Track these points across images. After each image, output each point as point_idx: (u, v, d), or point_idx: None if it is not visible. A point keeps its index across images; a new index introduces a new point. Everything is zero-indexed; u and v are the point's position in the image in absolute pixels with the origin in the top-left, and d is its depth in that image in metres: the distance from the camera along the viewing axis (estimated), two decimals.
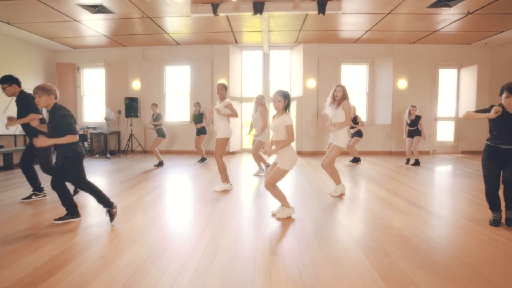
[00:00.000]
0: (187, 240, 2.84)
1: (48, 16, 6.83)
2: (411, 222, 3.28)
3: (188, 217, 3.50)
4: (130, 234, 2.99)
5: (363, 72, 9.80)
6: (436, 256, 2.47)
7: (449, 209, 3.79)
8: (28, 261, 2.41)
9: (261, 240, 2.83)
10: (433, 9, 6.47)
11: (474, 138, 9.76)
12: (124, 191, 4.76)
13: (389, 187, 4.96)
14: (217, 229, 3.11)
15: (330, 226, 3.17)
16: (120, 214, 3.53)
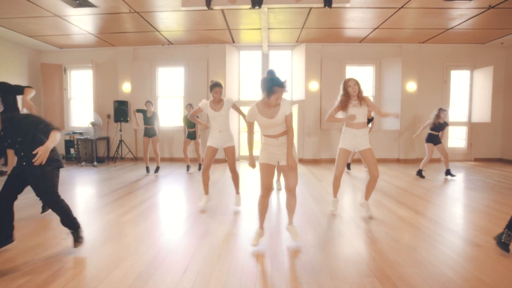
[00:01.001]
0: (174, 269, 2.18)
1: (25, 11, 6.20)
2: (443, 251, 2.61)
3: (174, 240, 2.81)
4: (109, 260, 2.34)
5: (369, 74, 9.17)
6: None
7: (487, 233, 3.11)
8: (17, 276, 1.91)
9: (260, 273, 2.15)
10: (451, 3, 5.84)
11: (487, 145, 9.11)
12: (104, 206, 4.07)
13: (408, 202, 4.28)
14: (208, 259, 2.43)
15: (342, 254, 2.50)
16: (97, 235, 2.88)
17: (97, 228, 3.25)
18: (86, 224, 3.36)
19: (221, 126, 3.94)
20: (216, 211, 3.89)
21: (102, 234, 3.08)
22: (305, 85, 8.75)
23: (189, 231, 3.18)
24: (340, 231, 3.17)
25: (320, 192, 4.90)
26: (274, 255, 2.59)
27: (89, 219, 3.55)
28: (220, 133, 3.94)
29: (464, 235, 3.05)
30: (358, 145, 3.58)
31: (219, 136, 3.94)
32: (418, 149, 8.97)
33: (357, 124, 3.56)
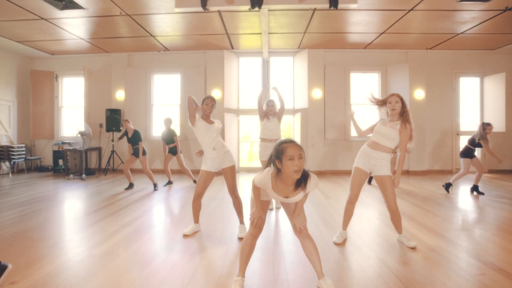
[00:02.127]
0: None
1: (8, 13, 5.80)
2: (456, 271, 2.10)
3: (164, 271, 2.29)
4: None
5: (374, 81, 8.74)
6: None
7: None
8: None
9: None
10: (465, 4, 5.45)
11: (502, 156, 8.60)
12: (76, 232, 3.52)
13: (432, 226, 3.74)
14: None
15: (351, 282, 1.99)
16: (52, 276, 2.35)
17: (55, 267, 2.73)
18: (60, 252, 2.85)
19: (214, 143, 3.29)
20: (211, 235, 3.38)
21: (80, 264, 2.56)
22: (308, 93, 8.31)
23: (178, 263, 2.66)
24: (356, 261, 2.66)
25: (330, 212, 4.37)
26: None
27: (50, 250, 3.03)
28: (215, 150, 3.29)
29: (498, 265, 2.54)
30: (374, 168, 2.99)
31: (215, 155, 3.29)
32: (428, 160, 8.48)
33: (376, 145, 2.98)
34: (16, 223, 3.78)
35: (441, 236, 3.29)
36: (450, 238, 3.23)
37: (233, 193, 3.35)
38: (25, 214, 4.24)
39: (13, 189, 6.09)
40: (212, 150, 3.29)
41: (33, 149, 9.08)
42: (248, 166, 9.04)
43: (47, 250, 2.90)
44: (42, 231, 3.50)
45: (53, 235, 3.37)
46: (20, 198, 5.27)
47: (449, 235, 3.34)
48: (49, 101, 9.00)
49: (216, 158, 3.29)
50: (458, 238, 3.25)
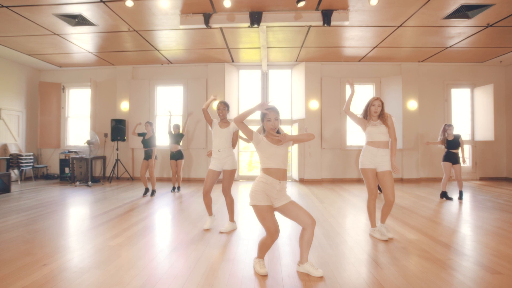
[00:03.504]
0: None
1: (24, 29, 6.20)
2: (459, 278, 2.37)
3: (163, 269, 2.56)
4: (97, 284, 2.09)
5: (369, 93, 9.12)
6: None
7: (505, 258, 2.87)
8: None
9: None
10: (449, 21, 5.84)
11: (492, 164, 8.93)
12: (92, 229, 3.82)
13: (416, 225, 4.04)
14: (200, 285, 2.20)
15: (345, 280, 2.26)
16: (75, 263, 2.65)
17: (83, 252, 3.01)
18: (73, 247, 3.13)
19: (220, 145, 3.71)
20: (211, 235, 3.66)
21: (88, 259, 2.84)
22: (305, 104, 8.66)
23: (181, 257, 2.94)
24: (344, 255, 2.93)
25: (323, 214, 4.66)
26: (273, 280, 2.35)
27: (76, 242, 3.32)
28: (219, 152, 3.71)
29: (480, 261, 2.81)
30: (378, 165, 3.42)
31: (218, 155, 3.72)
32: (421, 168, 8.78)
33: (378, 143, 3.42)
34: (35, 222, 4.07)
35: (422, 232, 3.57)
36: (432, 234, 3.51)
37: (226, 193, 3.78)
38: (40, 214, 4.53)
39: (24, 194, 6.38)
40: (218, 152, 3.72)
41: (39, 158, 9.38)
42: (247, 174, 9.32)
43: (65, 242, 3.19)
44: (59, 228, 3.78)
45: (70, 231, 3.65)
46: (32, 202, 5.55)
47: (431, 231, 3.62)
48: (56, 112, 9.36)
49: (220, 159, 3.71)
50: (436, 232, 3.53)
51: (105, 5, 5.18)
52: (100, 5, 5.17)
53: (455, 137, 5.84)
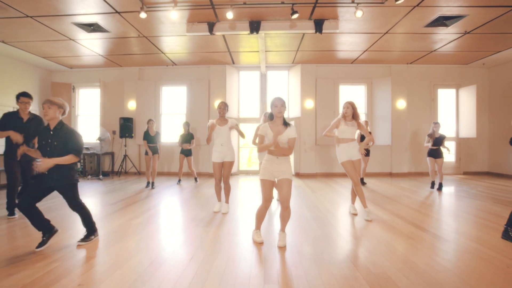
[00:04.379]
0: (176, 266, 2.57)
1: (43, 35, 6.77)
2: (417, 246, 2.99)
3: (178, 241, 3.19)
4: (114, 260, 2.71)
5: (361, 93, 9.73)
6: (444, 282, 2.18)
7: (456, 232, 3.50)
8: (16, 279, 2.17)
9: (255, 267, 2.53)
10: (430, 29, 6.44)
11: (475, 159, 9.57)
12: (113, 213, 4.46)
13: (392, 209, 4.67)
14: (208, 254, 2.82)
15: (330, 252, 2.88)
16: (105, 238, 3.27)
17: (107, 232, 3.63)
18: (104, 225, 3.75)
19: (222, 140, 4.41)
20: (218, 216, 4.28)
21: (117, 233, 3.46)
22: (301, 103, 9.27)
23: (193, 230, 3.55)
24: (330, 234, 3.55)
25: (313, 202, 5.28)
26: (268, 253, 2.97)
27: (104, 221, 3.93)
28: (222, 146, 4.41)
29: (436, 234, 3.43)
30: (352, 156, 4.15)
31: (221, 149, 4.40)
32: (409, 163, 9.40)
33: (347, 139, 4.16)
34: (62, 208, 4.69)
35: (396, 215, 4.20)
36: (405, 217, 4.14)
37: (226, 181, 4.52)
38: (62, 203, 5.13)
39: None
40: (220, 145, 4.38)
41: None
42: (247, 169, 9.94)
43: (97, 221, 3.81)
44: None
45: (97, 214, 4.26)
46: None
47: (404, 214, 4.25)
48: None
49: (221, 153, 4.40)
50: (409, 215, 4.16)
51: (120, 15, 5.77)
52: (115, 15, 5.76)
53: (441, 136, 6.45)
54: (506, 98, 8.86)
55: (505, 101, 8.89)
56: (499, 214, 4.32)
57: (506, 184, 7.32)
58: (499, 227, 3.64)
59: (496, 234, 3.40)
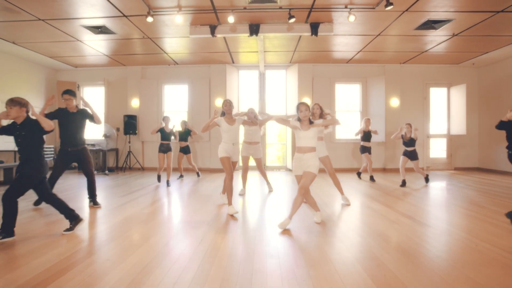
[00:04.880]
0: (189, 245, 2.94)
1: (52, 36, 7.10)
2: (401, 231, 3.38)
3: (188, 226, 3.57)
4: (134, 241, 3.08)
5: (356, 91, 10.10)
6: (428, 263, 2.57)
7: (440, 220, 3.90)
8: (37, 264, 2.52)
9: (259, 245, 2.92)
10: (420, 31, 6.81)
11: (465, 155, 9.98)
12: (124, 204, 4.83)
13: (383, 200, 5.07)
14: (216, 237, 3.20)
15: (324, 236, 3.26)
16: (122, 224, 3.65)
17: (125, 218, 4.00)
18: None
19: (234, 139, 4.45)
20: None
21: (125, 224, 3.83)
22: (298, 101, 9.60)
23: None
24: (324, 220, 3.94)
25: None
26: (271, 235, 3.36)
27: (118, 210, 4.31)
28: (233, 145, 4.42)
29: (420, 221, 3.83)
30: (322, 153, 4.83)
31: (233, 148, 4.41)
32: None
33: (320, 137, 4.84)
34: (75, 200, 5.06)
35: (383, 203, 4.60)
36: (390, 205, 4.54)
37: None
38: (77, 195, 5.52)
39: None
40: (232, 145, 4.42)
41: (57, 150, 10.29)
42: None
43: (111, 210, 4.19)
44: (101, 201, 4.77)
45: (111, 204, 4.63)
46: (64, 186, 6.54)
47: (390, 203, 4.65)
48: None
49: (231, 151, 4.42)
50: (394, 204, 4.56)
51: (127, 19, 6.11)
52: (123, 18, 6.10)
53: (411, 140, 6.69)
54: (495, 97, 9.26)
55: (494, 99, 9.29)
56: (481, 205, 4.73)
57: (493, 179, 7.73)
58: (478, 215, 4.05)
59: (475, 221, 3.79)
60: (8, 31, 6.77)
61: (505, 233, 3.32)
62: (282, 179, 7.97)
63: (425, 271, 2.40)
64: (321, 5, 5.62)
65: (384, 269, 2.41)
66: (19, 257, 2.68)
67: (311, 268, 2.43)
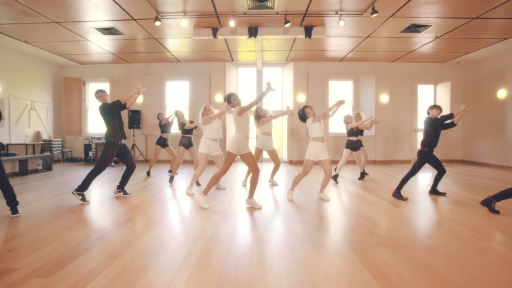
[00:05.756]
0: (198, 225, 3.53)
1: (64, 37, 7.58)
2: (378, 211, 4.01)
3: (196, 209, 4.16)
4: (151, 220, 3.67)
5: (348, 88, 10.69)
6: (405, 243, 3.20)
7: (418, 205, 4.54)
8: (59, 244, 3.08)
9: (256, 227, 3.52)
10: (406, 34, 7.39)
11: (450, 148, 10.65)
12: (136, 190, 5.41)
13: (369, 187, 5.70)
14: (219, 219, 3.80)
15: (314, 214, 3.88)
16: (139, 206, 4.23)
17: (140, 201, 4.59)
18: (133, 198, 4.72)
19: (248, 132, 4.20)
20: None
21: (143, 205, 4.42)
22: (293, 97, 10.21)
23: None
24: (310, 203, 4.56)
25: (304, 183, 6.29)
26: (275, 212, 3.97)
27: (133, 196, 4.90)
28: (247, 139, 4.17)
29: (396, 203, 4.46)
30: None
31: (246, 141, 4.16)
32: (391, 152, 10.46)
33: None
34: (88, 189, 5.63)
35: (367, 190, 5.23)
36: (375, 192, 5.18)
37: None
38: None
39: (64, 172, 7.90)
40: (246, 138, 4.16)
41: (64, 143, 10.82)
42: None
43: (122, 198, 4.78)
44: (110, 190, 5.35)
45: (130, 190, 5.22)
46: (75, 177, 7.09)
47: (375, 190, 5.29)
48: (78, 103, 10.76)
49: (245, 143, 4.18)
50: (383, 193, 5.20)
51: (136, 22, 6.62)
52: (132, 21, 6.60)
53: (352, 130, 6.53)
54: (479, 93, 9.90)
55: (478, 95, 9.93)
56: (456, 192, 5.38)
57: (474, 170, 8.41)
58: (452, 200, 4.69)
59: (449, 206, 4.44)
60: (22, 32, 7.23)
61: (465, 211, 3.96)
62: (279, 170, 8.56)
63: (404, 250, 3.02)
64: (314, 11, 6.17)
65: (368, 247, 3.03)
66: (44, 238, 3.26)
67: (305, 250, 3.04)
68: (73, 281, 2.13)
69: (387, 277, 2.20)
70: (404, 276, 2.21)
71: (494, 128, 9.26)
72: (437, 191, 5.10)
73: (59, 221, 3.58)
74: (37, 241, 2.93)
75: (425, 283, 2.11)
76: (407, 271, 2.29)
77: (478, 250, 2.73)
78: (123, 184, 4.97)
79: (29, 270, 2.30)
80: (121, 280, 2.16)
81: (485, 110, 9.60)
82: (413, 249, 2.75)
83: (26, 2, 5.61)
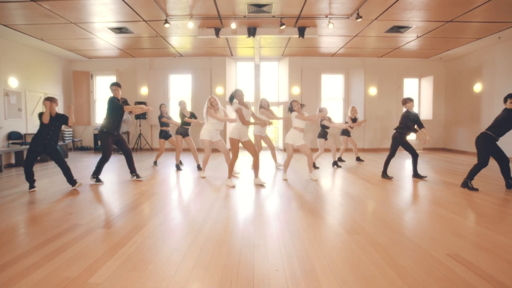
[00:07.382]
0: (202, 209, 4.37)
1: (77, 35, 8.24)
2: (366, 192, 4.88)
3: (200, 195, 5.00)
4: (158, 204, 4.50)
5: (339, 81, 11.49)
6: (393, 223, 4.07)
7: (400, 188, 5.41)
8: (111, 207, 3.90)
9: (257, 213, 4.37)
10: (390, 33, 8.17)
11: (432, 137, 11.55)
12: (146, 176, 6.22)
13: (356, 172, 6.58)
14: (222, 205, 4.64)
15: (305, 192, 4.73)
16: (150, 189, 5.05)
17: (157, 181, 5.42)
18: (146, 180, 5.54)
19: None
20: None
21: (158, 184, 5.25)
22: (288, 89, 10.99)
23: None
24: (302, 184, 5.42)
25: (296, 166, 7.18)
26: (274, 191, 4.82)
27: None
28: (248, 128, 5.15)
29: (377, 184, 5.33)
30: None
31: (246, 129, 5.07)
32: (379, 140, 11.34)
33: None
34: (104, 174, 6.42)
35: (354, 173, 6.11)
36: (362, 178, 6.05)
37: None
38: (104, 170, 6.86)
39: (78, 159, 8.69)
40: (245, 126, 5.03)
41: (73, 133, 11.54)
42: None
43: (132, 183, 5.61)
44: (122, 174, 6.16)
45: (141, 175, 6.04)
46: (90, 163, 7.88)
47: (367, 177, 6.17)
48: (86, 95, 11.45)
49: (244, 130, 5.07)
50: (367, 175, 6.07)
51: (145, 23, 7.32)
52: (142, 22, 7.30)
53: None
54: (459, 86, 10.75)
55: (458, 88, 10.79)
56: (437, 177, 6.27)
57: (454, 157, 9.33)
58: (429, 184, 5.59)
59: (421, 187, 5.32)
60: (39, 31, 7.87)
61: (429, 190, 4.84)
62: None
63: (393, 229, 3.89)
64: (306, 14, 6.92)
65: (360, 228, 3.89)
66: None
67: (303, 232, 3.89)
68: (128, 230, 2.97)
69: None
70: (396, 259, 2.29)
71: (470, 119, 10.15)
72: (418, 174, 5.80)
73: (90, 194, 4.41)
74: (88, 207, 3.77)
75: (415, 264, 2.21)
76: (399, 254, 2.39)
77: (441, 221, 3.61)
78: (133, 169, 5.63)
79: (93, 224, 3.13)
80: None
81: (464, 102, 10.48)
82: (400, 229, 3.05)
83: (50, 7, 6.29)
